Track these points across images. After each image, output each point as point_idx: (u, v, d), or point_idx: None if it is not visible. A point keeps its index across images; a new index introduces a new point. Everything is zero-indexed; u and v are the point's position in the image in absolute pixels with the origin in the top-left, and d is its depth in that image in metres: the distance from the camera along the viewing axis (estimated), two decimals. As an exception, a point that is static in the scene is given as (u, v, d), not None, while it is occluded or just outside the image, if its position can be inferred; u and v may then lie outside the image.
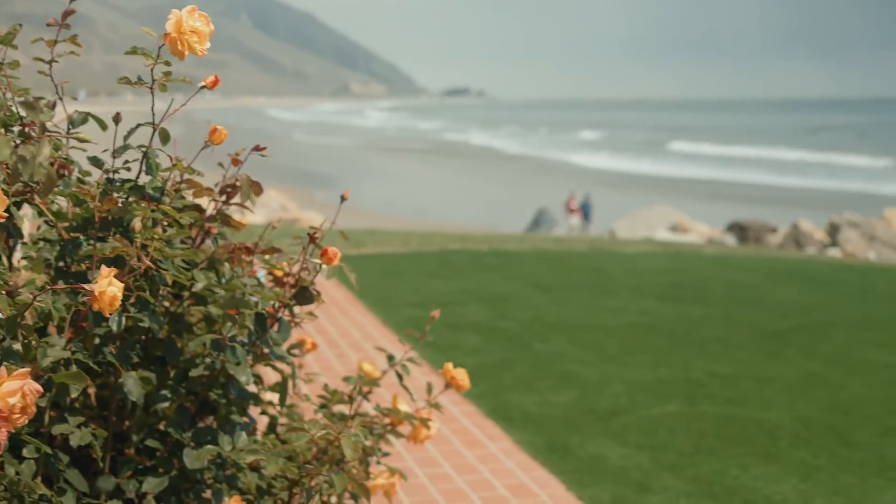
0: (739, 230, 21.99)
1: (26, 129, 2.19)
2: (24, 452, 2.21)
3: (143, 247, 2.38)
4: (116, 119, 2.52)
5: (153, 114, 2.46)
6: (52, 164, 2.23)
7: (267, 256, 2.76)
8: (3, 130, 2.24)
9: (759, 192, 40.47)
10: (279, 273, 2.71)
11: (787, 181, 45.80)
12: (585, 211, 27.20)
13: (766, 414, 5.97)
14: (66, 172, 2.40)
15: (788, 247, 20.72)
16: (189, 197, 2.63)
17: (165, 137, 2.53)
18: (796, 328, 8.40)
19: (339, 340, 7.41)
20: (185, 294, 2.63)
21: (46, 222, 2.50)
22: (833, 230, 21.33)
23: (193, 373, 2.58)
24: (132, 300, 2.41)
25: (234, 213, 2.74)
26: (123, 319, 2.30)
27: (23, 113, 2.28)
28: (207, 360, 2.59)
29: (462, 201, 34.42)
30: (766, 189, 42.06)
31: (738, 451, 5.32)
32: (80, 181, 2.53)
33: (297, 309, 2.66)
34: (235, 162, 2.66)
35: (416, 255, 11.78)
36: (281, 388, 2.86)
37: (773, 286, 10.65)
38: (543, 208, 26.22)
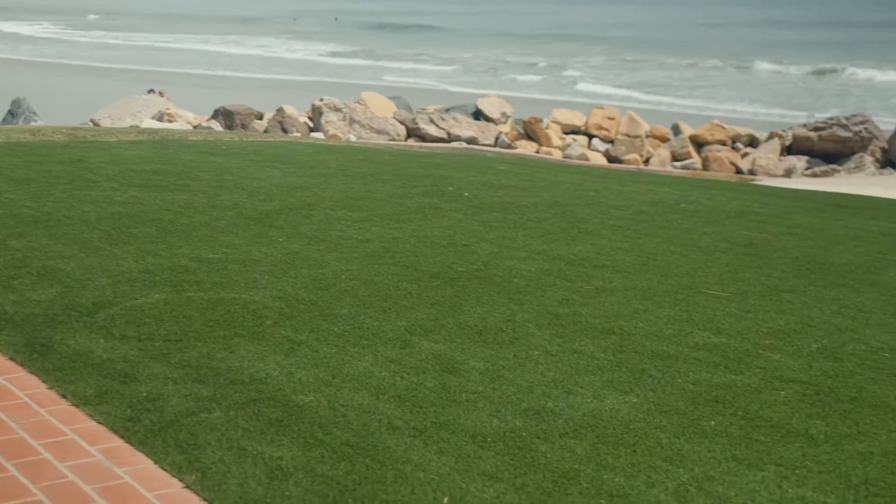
0: (226, 116, 22.06)
1: None
2: None
3: None
4: None
5: None
6: None
7: None
8: None
9: (244, 82, 40.84)
10: None
11: (271, 76, 46.58)
12: None
13: (252, 295, 6.11)
14: None
15: (274, 131, 21.13)
16: None
17: None
18: (280, 210, 8.63)
19: None
20: None
21: None
22: (316, 114, 22.03)
23: None
24: None
25: None
26: None
27: None
28: None
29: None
30: (252, 80, 42.53)
31: (225, 334, 5.41)
32: None
33: None
34: None
35: None
36: None
37: (257, 170, 10.84)
38: (19, 98, 24.60)
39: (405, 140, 21.33)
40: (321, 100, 22.46)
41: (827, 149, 20.01)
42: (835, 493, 3.91)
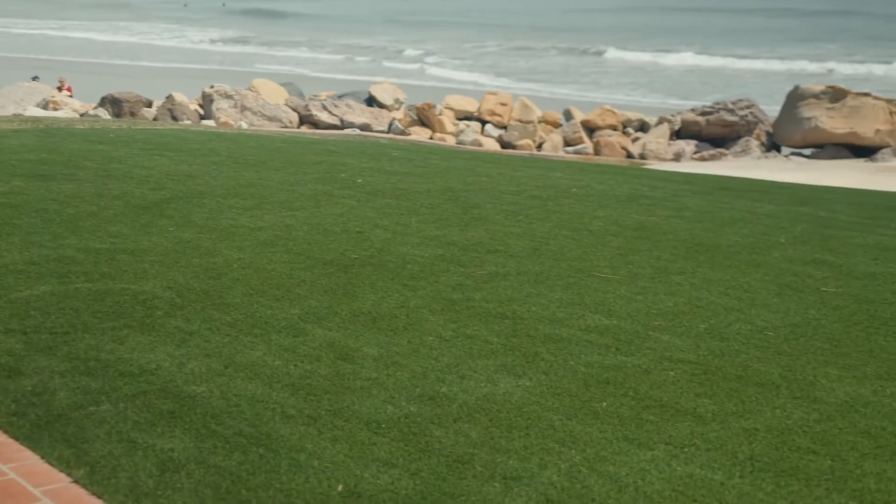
0: (114, 104, 21.62)
1: None
2: None
3: None
4: None
5: None
6: None
7: None
8: None
9: (132, 70, 40.07)
10: None
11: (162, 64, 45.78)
12: None
13: (142, 286, 6.00)
14: None
15: (164, 119, 20.78)
16: None
17: None
18: (170, 199, 8.49)
19: None
20: None
21: None
22: (206, 101, 21.72)
23: None
24: None
25: None
26: None
27: None
28: None
29: None
30: (141, 68, 41.76)
31: (113, 325, 5.30)
32: None
33: None
34: None
35: None
36: None
37: (146, 158, 10.64)
38: None
39: (298, 127, 21.18)
40: (212, 87, 22.16)
41: (714, 133, 20.46)
42: (722, 469, 4.01)
